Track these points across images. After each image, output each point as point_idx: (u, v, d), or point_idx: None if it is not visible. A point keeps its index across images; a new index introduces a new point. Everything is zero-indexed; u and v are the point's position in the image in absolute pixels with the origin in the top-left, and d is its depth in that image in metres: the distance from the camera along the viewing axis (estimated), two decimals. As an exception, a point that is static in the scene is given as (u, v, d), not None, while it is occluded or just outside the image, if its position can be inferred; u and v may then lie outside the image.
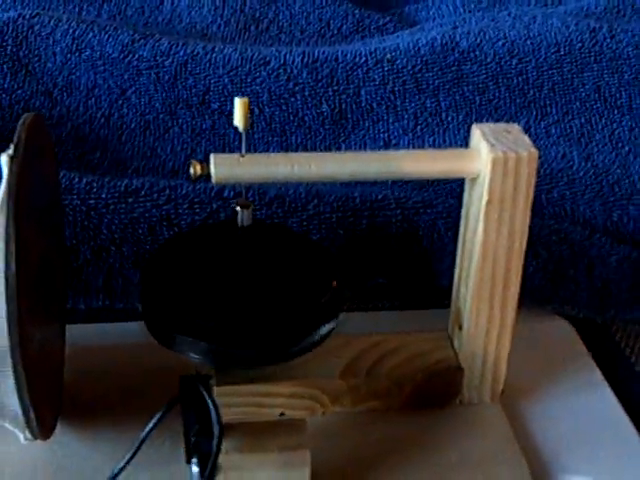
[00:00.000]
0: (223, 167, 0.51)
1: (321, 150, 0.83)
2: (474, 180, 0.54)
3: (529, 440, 0.59)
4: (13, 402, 0.48)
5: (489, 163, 0.51)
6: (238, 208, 0.53)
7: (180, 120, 0.84)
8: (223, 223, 0.62)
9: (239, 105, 0.50)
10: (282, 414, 0.54)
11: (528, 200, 0.53)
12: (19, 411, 0.48)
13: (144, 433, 0.50)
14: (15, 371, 0.47)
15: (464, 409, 0.59)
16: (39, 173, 0.53)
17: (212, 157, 0.51)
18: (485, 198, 0.52)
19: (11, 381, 0.47)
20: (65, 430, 0.56)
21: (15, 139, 0.48)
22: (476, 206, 0.54)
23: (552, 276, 0.66)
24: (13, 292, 0.45)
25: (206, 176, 0.51)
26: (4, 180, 0.46)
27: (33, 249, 0.50)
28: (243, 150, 0.51)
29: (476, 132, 0.54)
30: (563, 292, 0.67)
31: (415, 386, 0.58)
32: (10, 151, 0.47)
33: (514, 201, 0.53)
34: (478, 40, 0.89)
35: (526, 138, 0.53)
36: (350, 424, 0.58)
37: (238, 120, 0.50)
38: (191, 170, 0.50)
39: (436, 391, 0.58)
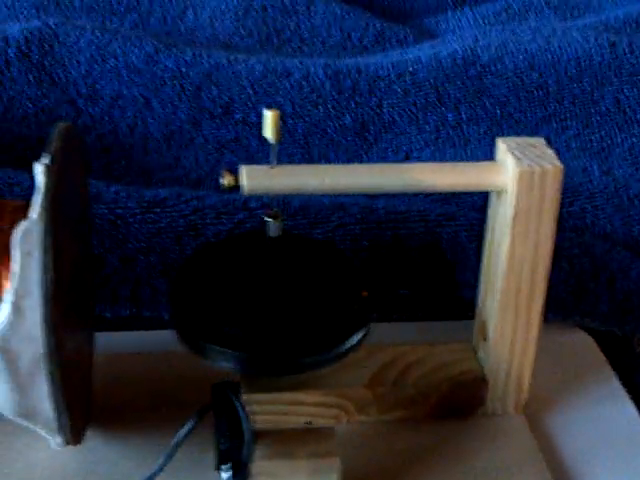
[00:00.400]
0: (254, 178, 0.51)
1: (343, 162, 0.84)
2: (500, 193, 0.54)
3: (552, 450, 0.59)
4: (46, 407, 0.48)
5: (516, 177, 0.52)
6: (268, 219, 0.54)
7: (204, 130, 0.85)
8: (252, 233, 0.62)
9: (271, 117, 0.50)
10: (309, 422, 0.55)
11: (553, 214, 0.53)
12: (51, 416, 0.49)
13: (177, 439, 0.50)
14: (51, 375, 0.47)
15: (488, 420, 0.60)
16: (72, 182, 0.54)
17: (243, 168, 0.51)
18: (512, 212, 0.53)
19: (44, 386, 0.47)
20: (95, 436, 0.57)
21: (51, 148, 0.48)
22: (502, 219, 0.54)
23: (574, 289, 0.67)
24: (49, 300, 0.46)
25: (234, 187, 0.51)
26: (41, 189, 0.46)
27: (66, 257, 0.50)
28: (274, 162, 0.51)
29: (502, 146, 0.54)
30: (584, 305, 0.67)
31: (440, 396, 0.58)
32: (46, 160, 0.47)
33: (540, 215, 0.53)
34: (499, 53, 0.89)
35: (551, 152, 0.54)
36: (375, 433, 0.58)
37: (269, 132, 0.50)
38: (222, 181, 0.51)
39: (460, 401, 0.59)
